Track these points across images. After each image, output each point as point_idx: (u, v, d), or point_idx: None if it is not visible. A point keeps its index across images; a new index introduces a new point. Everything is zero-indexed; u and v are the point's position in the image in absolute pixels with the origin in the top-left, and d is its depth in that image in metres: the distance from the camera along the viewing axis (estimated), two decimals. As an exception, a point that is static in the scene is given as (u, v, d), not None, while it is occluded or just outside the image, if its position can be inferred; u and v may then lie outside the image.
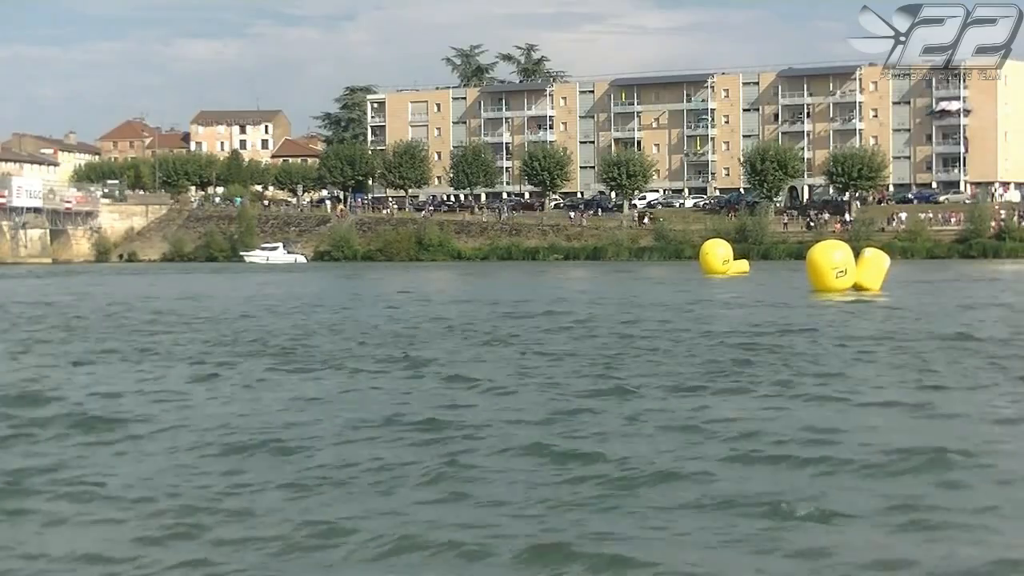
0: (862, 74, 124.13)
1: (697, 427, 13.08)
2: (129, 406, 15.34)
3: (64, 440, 12.93)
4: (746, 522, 9.02)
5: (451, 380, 17.72)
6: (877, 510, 9.33)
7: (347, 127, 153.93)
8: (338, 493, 10.22)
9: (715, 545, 8.51)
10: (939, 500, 9.68)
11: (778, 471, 10.86)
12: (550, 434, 12.71)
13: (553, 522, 9.09)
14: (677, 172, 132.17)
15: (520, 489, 10.19)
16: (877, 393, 15.84)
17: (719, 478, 10.50)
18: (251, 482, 10.65)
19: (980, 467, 10.87)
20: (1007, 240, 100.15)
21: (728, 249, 66.72)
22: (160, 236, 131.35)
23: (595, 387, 16.57)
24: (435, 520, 9.19)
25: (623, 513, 9.39)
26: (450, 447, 12.11)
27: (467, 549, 8.44)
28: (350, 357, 21.48)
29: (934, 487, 10.13)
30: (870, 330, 26.11)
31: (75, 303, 42.20)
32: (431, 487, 10.38)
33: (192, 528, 9.09)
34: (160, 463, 11.62)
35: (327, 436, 12.87)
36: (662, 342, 23.58)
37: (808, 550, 8.32)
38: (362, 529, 8.92)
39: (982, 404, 14.82)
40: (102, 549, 8.62)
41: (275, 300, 43.97)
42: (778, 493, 9.82)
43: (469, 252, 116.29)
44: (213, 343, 24.80)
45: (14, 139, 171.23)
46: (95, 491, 10.35)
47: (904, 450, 11.44)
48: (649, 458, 11.32)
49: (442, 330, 27.68)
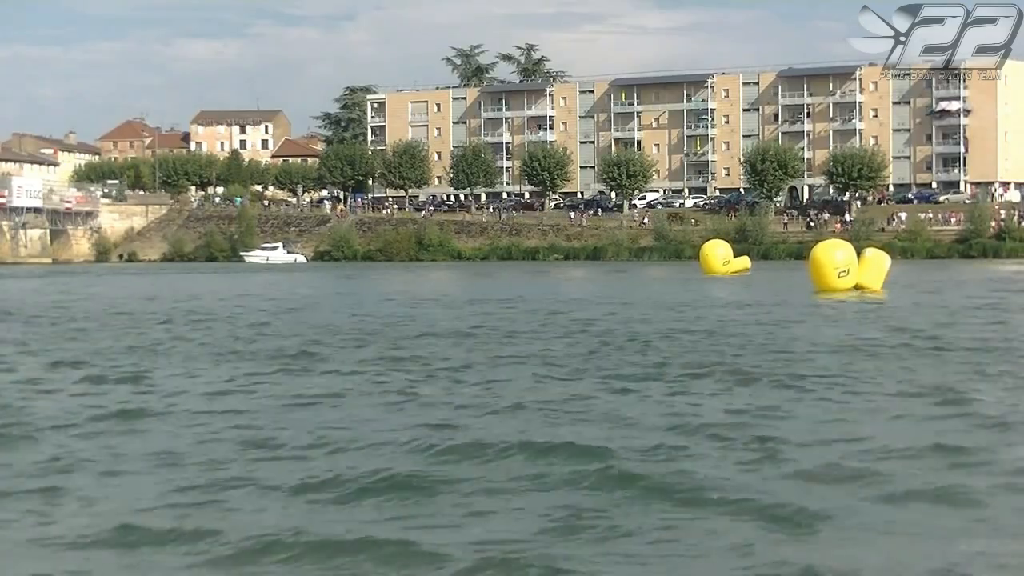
0: (862, 74, 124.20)
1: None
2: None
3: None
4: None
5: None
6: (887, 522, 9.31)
7: (347, 127, 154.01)
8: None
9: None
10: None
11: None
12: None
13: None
14: (677, 172, 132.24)
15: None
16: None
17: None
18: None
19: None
20: (1007, 240, 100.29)
21: (728, 249, 66.81)
22: (160, 236, 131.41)
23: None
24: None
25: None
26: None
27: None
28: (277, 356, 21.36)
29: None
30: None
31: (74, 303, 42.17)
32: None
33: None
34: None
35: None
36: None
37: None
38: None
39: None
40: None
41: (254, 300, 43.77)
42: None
43: (469, 252, 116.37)
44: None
45: (14, 139, 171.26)
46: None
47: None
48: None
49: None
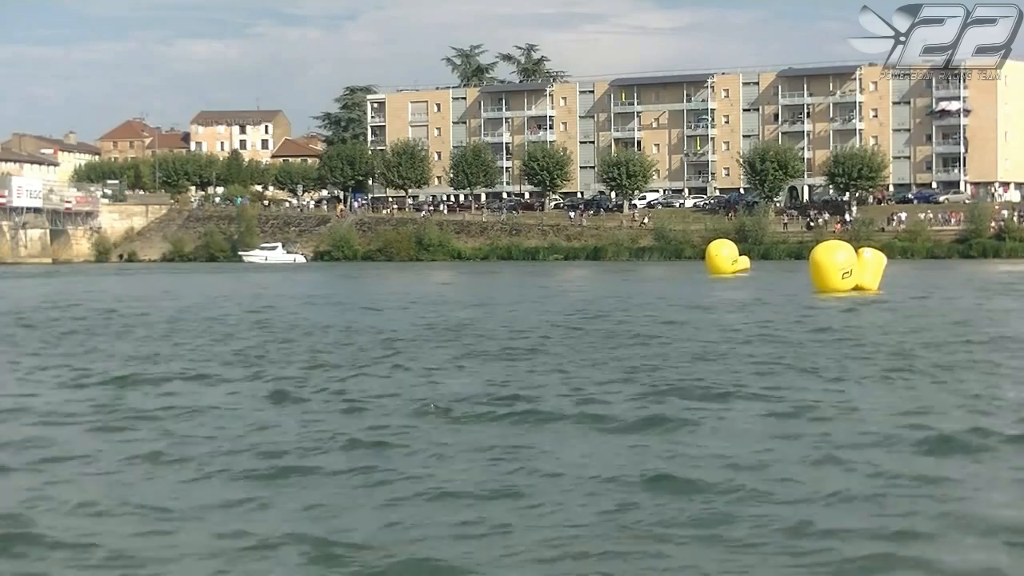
0: (862, 74, 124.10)
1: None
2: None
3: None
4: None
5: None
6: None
7: (347, 127, 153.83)
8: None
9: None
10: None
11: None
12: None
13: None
14: (677, 172, 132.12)
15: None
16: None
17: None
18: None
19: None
20: (1007, 240, 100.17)
21: (733, 249, 66.80)
22: (160, 236, 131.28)
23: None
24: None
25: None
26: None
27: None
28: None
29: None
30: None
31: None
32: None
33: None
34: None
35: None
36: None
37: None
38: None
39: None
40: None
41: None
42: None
43: (469, 252, 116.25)
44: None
45: (14, 139, 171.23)
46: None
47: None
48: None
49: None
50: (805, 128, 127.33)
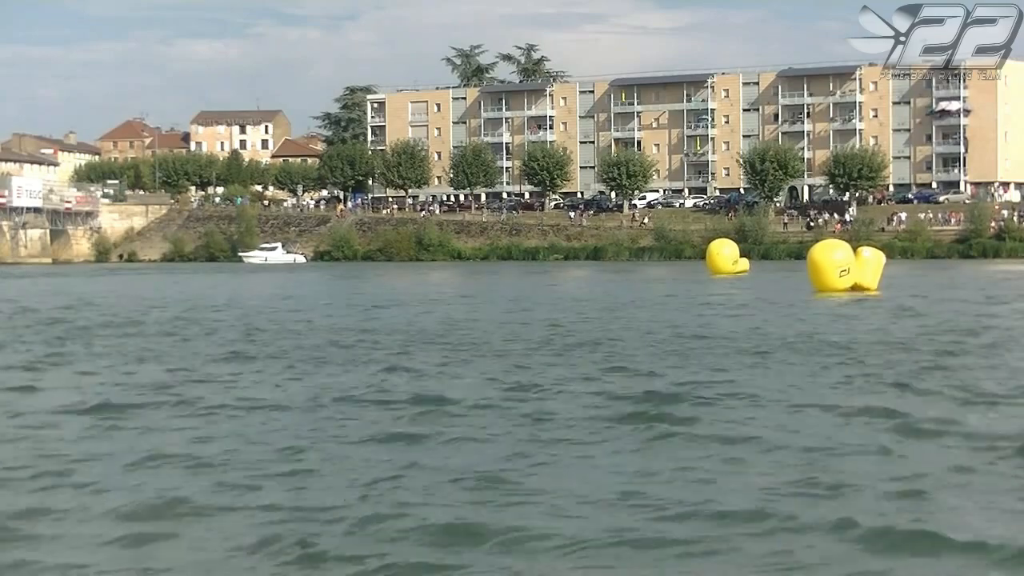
0: (862, 74, 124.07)
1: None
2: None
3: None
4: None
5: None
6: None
7: (347, 127, 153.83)
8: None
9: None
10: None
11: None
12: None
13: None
14: (677, 172, 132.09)
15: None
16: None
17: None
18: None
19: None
20: (1007, 240, 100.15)
21: (734, 248, 66.80)
22: (160, 236, 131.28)
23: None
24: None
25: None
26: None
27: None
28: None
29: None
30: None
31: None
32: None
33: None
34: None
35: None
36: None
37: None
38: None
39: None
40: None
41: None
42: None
43: (469, 252, 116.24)
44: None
45: (14, 139, 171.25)
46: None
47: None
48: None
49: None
50: (805, 128, 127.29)
